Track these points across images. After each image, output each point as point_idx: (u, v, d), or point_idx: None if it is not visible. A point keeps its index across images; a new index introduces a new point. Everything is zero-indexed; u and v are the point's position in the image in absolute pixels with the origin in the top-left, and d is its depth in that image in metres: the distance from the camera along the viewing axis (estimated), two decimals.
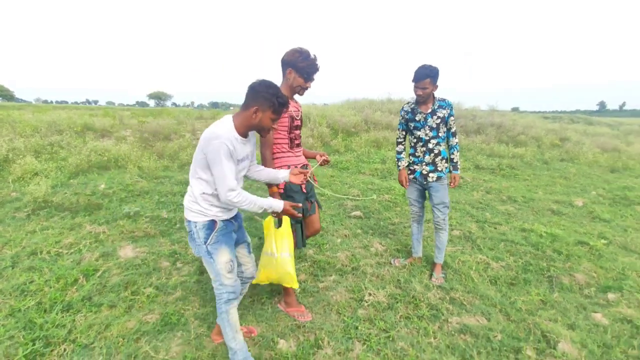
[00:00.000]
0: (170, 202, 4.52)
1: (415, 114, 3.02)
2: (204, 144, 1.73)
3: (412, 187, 3.22)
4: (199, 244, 1.88)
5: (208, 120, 10.45)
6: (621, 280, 3.23)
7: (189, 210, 1.87)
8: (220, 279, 1.91)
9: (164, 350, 2.14)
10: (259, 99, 1.75)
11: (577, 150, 9.99)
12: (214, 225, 1.86)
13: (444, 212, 3.11)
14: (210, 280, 2.89)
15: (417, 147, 3.09)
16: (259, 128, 1.83)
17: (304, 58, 2.26)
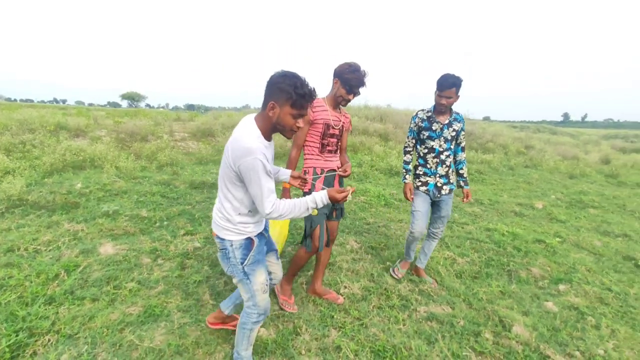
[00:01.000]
0: (150, 202, 4.55)
1: (431, 122, 2.88)
2: (234, 160, 1.53)
3: (423, 199, 3.00)
4: (234, 264, 1.75)
5: (186, 123, 10.42)
6: (571, 273, 3.56)
7: (222, 227, 1.72)
8: (255, 300, 1.81)
9: (148, 339, 2.23)
10: (274, 91, 1.53)
11: (540, 158, 10.63)
12: (252, 244, 1.74)
13: (444, 223, 3.13)
14: (193, 274, 3.01)
15: (427, 158, 2.96)
16: (280, 127, 1.60)
17: (352, 71, 2.30)
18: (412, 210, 3.04)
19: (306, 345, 2.29)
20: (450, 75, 2.70)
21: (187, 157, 7.32)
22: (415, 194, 3.03)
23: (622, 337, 2.61)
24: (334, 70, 2.38)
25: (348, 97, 2.38)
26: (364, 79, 2.33)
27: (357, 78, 2.30)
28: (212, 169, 6.42)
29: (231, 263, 1.75)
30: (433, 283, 3.14)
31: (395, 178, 7.27)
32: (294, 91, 1.50)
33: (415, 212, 2.99)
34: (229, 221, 1.69)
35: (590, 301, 3.08)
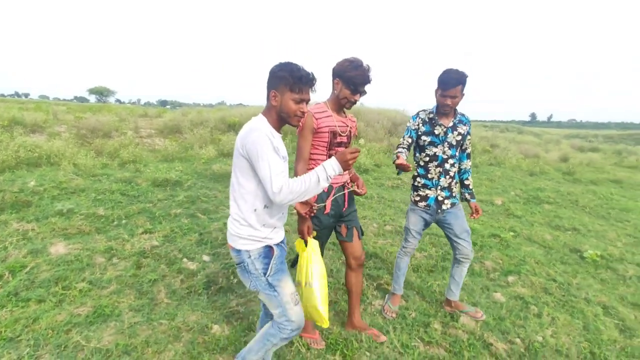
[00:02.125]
0: (108, 200, 4.42)
1: (434, 125, 2.50)
2: (241, 144, 1.51)
3: (418, 217, 2.65)
4: (256, 277, 1.61)
5: (153, 119, 10.14)
6: (521, 265, 3.75)
7: (238, 236, 1.59)
8: (287, 314, 1.63)
9: (95, 340, 2.19)
10: (273, 80, 1.56)
11: (503, 156, 11.06)
12: (271, 252, 1.62)
13: (469, 240, 2.64)
14: (149, 273, 2.96)
15: (429, 167, 2.55)
16: (285, 115, 1.57)
17: (353, 67, 2.02)
18: (405, 226, 2.74)
19: None
20: (454, 71, 2.34)
21: (152, 154, 7.14)
22: (411, 210, 2.68)
23: (561, 324, 2.79)
24: (333, 70, 2.09)
25: (354, 98, 2.08)
26: (368, 75, 2.06)
27: (361, 74, 2.03)
28: (178, 166, 6.30)
29: (253, 276, 1.61)
30: (477, 312, 2.73)
31: (363, 175, 7.37)
32: (290, 75, 1.52)
33: (409, 230, 2.69)
34: (247, 225, 1.57)
35: (535, 291, 3.26)
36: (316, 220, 2.13)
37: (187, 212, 4.34)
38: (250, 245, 1.59)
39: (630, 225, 5.76)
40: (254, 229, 1.58)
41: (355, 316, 2.47)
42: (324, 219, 2.16)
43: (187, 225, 3.94)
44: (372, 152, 8.80)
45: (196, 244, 3.55)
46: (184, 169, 6.15)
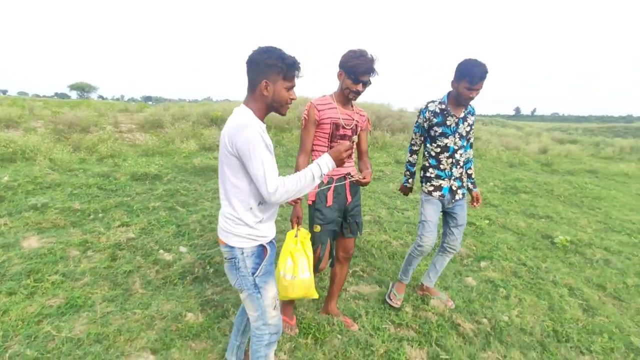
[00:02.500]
0: (85, 194, 4.37)
1: (445, 116, 2.45)
2: (230, 141, 1.42)
3: (434, 206, 2.56)
4: (244, 275, 1.56)
5: (134, 114, 9.99)
6: (493, 251, 3.87)
7: (231, 233, 1.53)
8: (265, 318, 1.61)
9: (67, 329, 2.19)
10: (262, 69, 1.45)
11: (484, 148, 11.26)
12: (264, 252, 1.58)
13: (462, 233, 2.69)
14: (124, 265, 2.96)
15: (441, 158, 2.52)
16: (277, 104, 1.51)
17: (355, 57, 1.97)
18: (420, 220, 2.60)
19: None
20: (480, 63, 2.27)
21: (132, 148, 7.05)
22: (426, 201, 2.59)
23: (527, 304, 2.90)
24: (339, 62, 2.05)
25: (356, 88, 2.02)
26: (372, 65, 1.98)
27: (364, 64, 1.95)
28: (158, 160, 6.25)
29: (241, 274, 1.56)
30: (448, 300, 2.78)
31: None
32: (282, 62, 1.44)
33: (426, 222, 2.54)
34: (239, 223, 1.51)
35: (505, 275, 3.38)
36: (319, 214, 2.06)
37: (166, 205, 4.32)
38: (244, 243, 1.53)
39: (602, 213, 5.97)
40: (250, 227, 1.52)
41: (332, 303, 2.51)
42: (327, 212, 2.10)
43: (165, 217, 3.93)
44: None
45: (173, 235, 3.55)
46: (164, 163, 6.10)
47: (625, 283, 3.45)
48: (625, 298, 3.20)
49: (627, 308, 3.06)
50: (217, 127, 8.72)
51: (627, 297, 3.22)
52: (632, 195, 7.74)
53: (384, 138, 10.16)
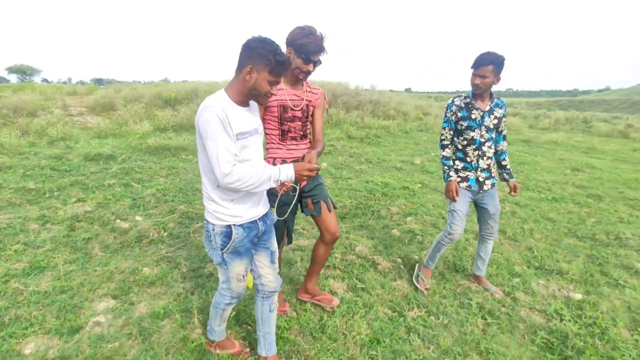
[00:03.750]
0: (38, 175, 4.50)
1: (470, 110, 2.55)
2: (196, 121, 1.49)
3: (464, 199, 2.63)
4: (214, 248, 1.68)
5: (83, 97, 9.75)
6: (420, 208, 4.47)
7: (206, 209, 1.65)
8: (229, 285, 1.76)
9: (33, 285, 2.49)
10: (253, 56, 1.47)
11: (432, 122, 12.04)
12: (230, 233, 1.63)
13: (497, 221, 2.78)
14: (82, 233, 3.24)
15: (467, 151, 2.61)
16: (255, 93, 1.54)
17: (304, 34, 1.91)
18: (450, 209, 2.67)
19: (182, 275, 2.75)
20: (488, 52, 2.41)
21: (84, 131, 7.05)
22: (461, 192, 2.65)
23: None
24: (286, 39, 1.97)
25: (306, 68, 1.97)
26: (322, 43, 1.94)
27: (314, 42, 1.90)
28: (111, 141, 6.34)
29: (212, 246, 1.69)
30: (497, 292, 2.82)
31: None
32: (274, 57, 1.46)
33: (455, 212, 2.62)
34: (212, 201, 1.60)
35: (425, 226, 3.98)
36: (273, 197, 1.99)
37: (121, 182, 4.56)
38: (215, 220, 1.61)
39: (522, 175, 6.82)
40: (218, 204, 1.59)
41: (311, 283, 2.50)
42: (281, 195, 2.00)
43: (121, 192, 4.19)
44: None
45: (129, 207, 3.84)
46: (118, 144, 6.21)
47: (522, 228, 4.17)
48: (520, 239, 3.91)
49: (519, 246, 3.75)
50: (171, 108, 8.77)
51: (521, 239, 3.92)
52: (554, 160, 8.75)
53: (339, 115, 10.62)
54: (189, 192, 4.39)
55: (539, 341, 2.30)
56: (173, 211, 3.83)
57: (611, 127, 16.73)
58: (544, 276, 3.14)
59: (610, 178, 7.10)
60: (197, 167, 5.31)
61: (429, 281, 2.84)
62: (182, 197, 4.23)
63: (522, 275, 3.11)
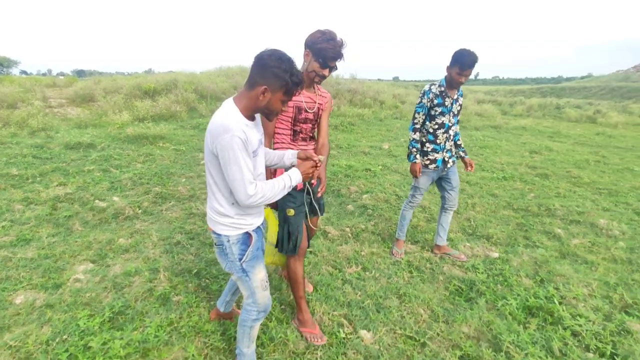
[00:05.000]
0: (21, 162, 4.80)
1: (444, 98, 2.87)
2: (211, 142, 1.43)
3: (428, 177, 3.06)
4: (232, 260, 1.65)
5: (63, 89, 9.90)
6: (377, 187, 4.93)
7: (217, 222, 1.59)
8: (255, 297, 1.72)
9: (21, 253, 2.86)
10: (268, 76, 1.42)
11: (407, 110, 12.50)
12: (250, 239, 1.63)
13: (458, 192, 3.17)
14: (64, 212, 3.59)
15: (437, 134, 2.93)
16: (267, 111, 1.52)
17: (326, 39, 1.93)
18: (414, 185, 3.12)
19: (153, 243, 3.15)
20: (471, 53, 2.67)
21: (64, 122, 7.29)
22: (423, 173, 3.03)
23: (384, 218, 3.96)
24: (305, 41, 2.01)
25: (322, 72, 1.99)
26: (341, 50, 1.97)
27: (333, 48, 1.93)
28: (91, 131, 6.62)
29: (229, 259, 1.66)
30: (460, 255, 3.23)
31: None
32: (290, 79, 1.43)
33: (419, 189, 3.10)
34: (224, 215, 1.57)
35: (377, 202, 4.44)
36: (292, 198, 2.07)
37: (100, 167, 4.89)
38: (229, 231, 1.59)
39: (482, 158, 7.33)
40: (234, 219, 1.58)
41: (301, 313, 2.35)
42: (298, 195, 2.12)
43: (100, 177, 4.53)
44: None
45: (107, 189, 4.20)
46: (97, 134, 6.50)
47: (467, 203, 4.66)
48: (462, 212, 4.39)
49: (460, 218, 4.24)
50: (150, 99, 9.02)
51: (463, 211, 4.41)
52: (517, 144, 9.31)
53: None
54: (164, 176, 4.75)
55: (451, 288, 2.78)
56: (148, 192, 4.20)
57: (581, 113, 17.47)
58: (473, 240, 3.62)
59: (563, 159, 7.68)
60: (173, 154, 5.69)
61: (402, 249, 3.24)
62: (157, 180, 4.60)
63: (454, 239, 3.60)
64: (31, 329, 2.07)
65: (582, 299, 2.64)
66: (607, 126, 14.82)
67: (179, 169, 5.15)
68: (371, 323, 2.30)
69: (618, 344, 2.21)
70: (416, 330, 2.26)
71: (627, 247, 3.63)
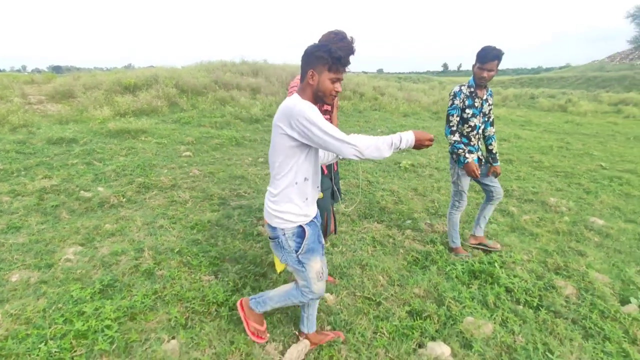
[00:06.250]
0: (4, 157, 4.93)
1: (474, 99, 2.82)
2: (289, 118, 1.52)
3: (467, 178, 3.01)
4: (289, 253, 1.71)
5: (42, 85, 9.86)
6: (350, 174, 5.24)
7: (273, 215, 1.67)
8: (310, 287, 1.78)
9: (12, 239, 3.07)
10: (311, 60, 1.58)
11: (387, 102, 12.86)
12: (304, 233, 1.69)
13: (499, 183, 3.14)
14: (51, 202, 3.79)
15: (471, 136, 2.90)
16: (321, 94, 1.61)
17: (339, 39, 2.09)
18: (459, 190, 3.06)
19: (137, 227, 3.39)
20: (493, 47, 2.65)
21: (45, 118, 7.35)
22: (462, 175, 2.96)
23: (356, 201, 4.29)
24: (319, 42, 2.11)
25: None
26: (353, 47, 2.13)
27: (346, 46, 2.09)
28: (72, 127, 6.73)
29: (285, 252, 1.72)
30: (496, 244, 3.26)
31: (254, 124, 8.42)
32: (329, 56, 1.55)
33: (464, 192, 3.05)
34: (286, 199, 1.64)
35: (349, 187, 4.76)
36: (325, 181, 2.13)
37: (84, 161, 5.06)
38: (285, 224, 1.65)
39: None
40: (294, 204, 1.64)
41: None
42: (324, 179, 2.20)
43: (84, 170, 4.72)
44: (265, 104, 9.82)
45: (92, 181, 4.40)
46: (79, 129, 6.61)
47: (433, 186, 5.03)
48: (428, 194, 4.75)
49: (425, 200, 4.59)
50: (131, 94, 9.11)
51: (429, 194, 4.76)
52: None
53: None
54: (147, 168, 4.96)
55: (410, 258, 3.12)
56: (131, 182, 4.42)
57: (553, 102, 18.18)
58: (435, 219, 3.98)
59: (529, 146, 8.16)
60: (155, 147, 5.88)
61: (466, 254, 3.12)
62: (140, 171, 4.81)
63: (417, 218, 3.95)
64: (28, 301, 2.31)
65: (520, 264, 3.02)
66: (577, 114, 15.52)
67: (160, 161, 5.36)
68: (334, 288, 2.62)
69: (544, 297, 2.60)
70: (373, 293, 2.59)
71: (571, 221, 4.05)
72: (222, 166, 5.34)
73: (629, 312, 2.46)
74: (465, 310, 2.41)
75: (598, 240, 3.64)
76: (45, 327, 2.05)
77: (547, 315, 2.41)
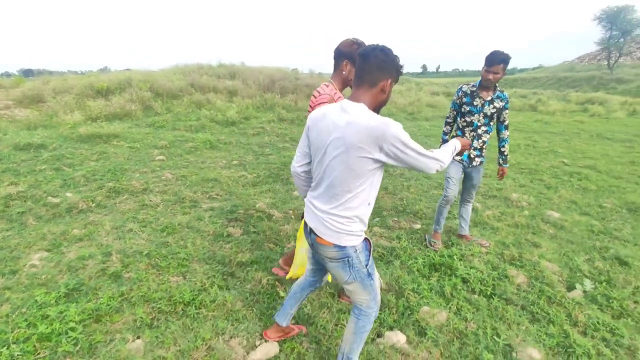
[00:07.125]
0: None
1: (473, 98, 3.02)
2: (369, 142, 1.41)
3: (456, 167, 3.21)
4: (359, 269, 1.63)
5: (9, 90, 9.59)
6: None
7: (345, 234, 1.57)
8: (376, 297, 1.76)
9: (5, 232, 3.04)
10: (391, 70, 1.51)
11: None
12: (369, 244, 1.68)
13: (476, 190, 3.42)
14: (17, 209, 3.73)
15: (465, 131, 3.14)
16: (383, 103, 1.60)
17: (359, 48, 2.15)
18: (446, 176, 3.29)
19: (106, 232, 3.40)
20: (500, 52, 2.83)
21: (12, 124, 7.17)
22: (451, 162, 3.12)
23: None
24: (338, 51, 2.19)
25: None
26: None
27: None
28: (41, 132, 6.60)
29: (355, 269, 1.63)
30: (482, 240, 3.43)
31: (230, 127, 8.43)
32: (396, 71, 1.54)
33: (450, 178, 3.22)
34: (357, 221, 1.58)
35: None
36: None
37: (52, 167, 4.98)
38: (356, 240, 1.59)
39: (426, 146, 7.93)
40: (362, 221, 1.60)
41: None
42: None
43: (52, 175, 4.65)
44: (242, 107, 9.84)
45: (60, 186, 4.34)
46: (48, 134, 6.48)
47: (403, 185, 5.19)
48: (397, 193, 4.90)
49: (394, 198, 4.74)
50: (104, 98, 8.97)
51: (398, 192, 4.91)
52: None
53: (273, 99, 11.27)
54: (118, 172, 4.93)
55: (375, 254, 3.24)
56: (101, 187, 4.39)
57: (524, 102, 18.85)
58: (402, 216, 4.13)
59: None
60: (127, 151, 5.84)
61: (438, 241, 3.36)
62: (110, 176, 4.78)
63: (385, 216, 4.09)
64: None
65: (478, 256, 3.19)
66: (546, 114, 16.15)
67: (132, 165, 5.33)
68: None
69: (497, 286, 2.77)
70: (337, 287, 2.69)
71: (530, 215, 4.28)
72: (196, 169, 5.35)
73: (573, 297, 2.65)
74: (422, 300, 2.54)
75: (553, 232, 3.86)
76: (7, 332, 2.07)
77: (499, 302, 2.57)
